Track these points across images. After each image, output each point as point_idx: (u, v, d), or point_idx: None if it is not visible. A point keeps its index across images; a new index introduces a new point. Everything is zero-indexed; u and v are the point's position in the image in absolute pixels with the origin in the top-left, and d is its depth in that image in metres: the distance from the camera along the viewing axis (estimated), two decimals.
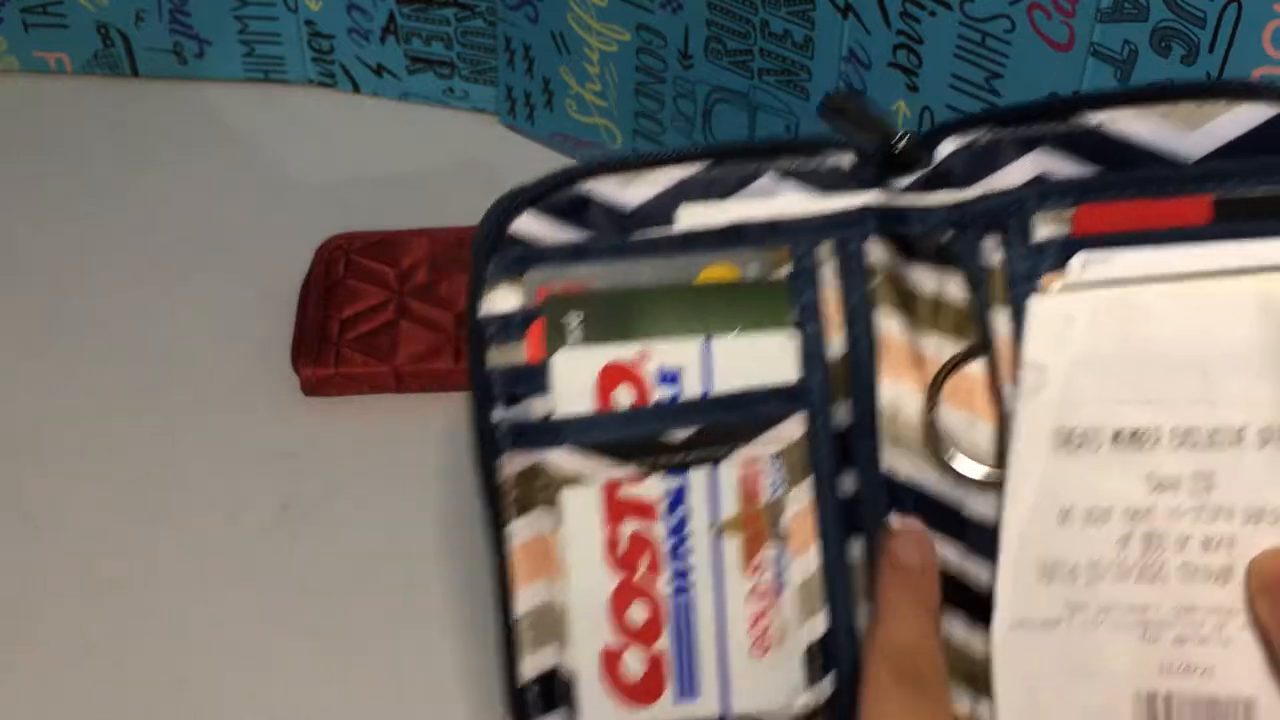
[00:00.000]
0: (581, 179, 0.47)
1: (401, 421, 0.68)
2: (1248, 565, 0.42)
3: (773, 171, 0.47)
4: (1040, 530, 0.44)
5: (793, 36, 0.68)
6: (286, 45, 0.84)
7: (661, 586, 0.46)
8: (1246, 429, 0.42)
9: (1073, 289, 0.44)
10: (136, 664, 0.59)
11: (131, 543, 0.63)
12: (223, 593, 0.60)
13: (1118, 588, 0.44)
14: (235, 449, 0.67)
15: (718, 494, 0.46)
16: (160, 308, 0.73)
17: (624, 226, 0.47)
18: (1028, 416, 0.44)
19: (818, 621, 0.47)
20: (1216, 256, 0.43)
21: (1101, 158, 0.45)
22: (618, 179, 0.47)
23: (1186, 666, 0.43)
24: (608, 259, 0.46)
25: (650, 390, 0.46)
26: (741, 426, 0.46)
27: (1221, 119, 0.43)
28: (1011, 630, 0.45)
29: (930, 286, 0.46)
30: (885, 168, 0.46)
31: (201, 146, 0.82)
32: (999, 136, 0.46)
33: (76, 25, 0.84)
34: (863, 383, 0.46)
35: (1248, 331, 0.42)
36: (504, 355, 0.46)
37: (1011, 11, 0.60)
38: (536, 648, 0.47)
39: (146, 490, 0.65)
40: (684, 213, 0.47)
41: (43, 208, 0.78)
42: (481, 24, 0.81)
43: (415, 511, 0.64)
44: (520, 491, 0.46)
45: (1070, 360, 0.43)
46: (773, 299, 0.46)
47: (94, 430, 0.67)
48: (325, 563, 0.62)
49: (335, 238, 0.74)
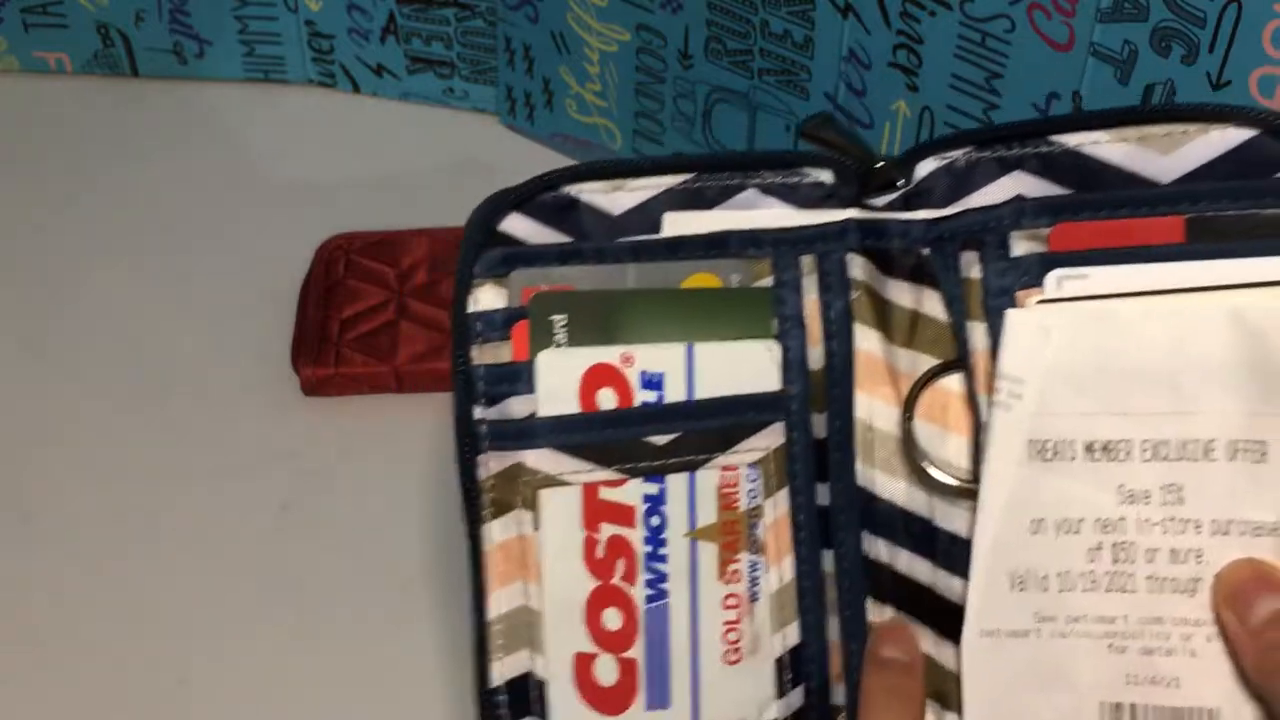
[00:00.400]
0: (567, 183, 0.47)
1: (401, 421, 0.68)
2: (1215, 576, 0.43)
3: (755, 187, 0.47)
4: (1012, 540, 0.44)
5: (793, 36, 0.68)
6: (286, 45, 0.84)
7: (637, 592, 0.46)
8: (1215, 442, 0.43)
9: (1049, 303, 0.44)
10: (136, 664, 0.59)
11: (131, 542, 0.63)
12: (223, 592, 0.60)
13: (1087, 598, 0.44)
14: (235, 449, 0.67)
15: (695, 500, 0.46)
16: (160, 308, 0.73)
17: (610, 231, 0.47)
18: (1002, 427, 0.44)
19: (790, 632, 0.47)
20: (1189, 274, 0.43)
21: (1078, 180, 0.45)
22: (604, 185, 0.47)
23: (1153, 678, 0.44)
24: (593, 262, 0.47)
25: (633, 393, 0.46)
26: (722, 433, 0.46)
27: (1195, 143, 0.44)
28: (981, 639, 0.45)
29: (908, 302, 0.47)
30: (864, 187, 0.47)
31: (201, 146, 0.82)
32: (978, 157, 0.47)
33: (76, 25, 0.84)
34: (840, 395, 0.47)
35: (1218, 346, 0.43)
36: (488, 353, 0.46)
37: (1011, 11, 0.60)
38: (509, 652, 0.46)
39: (146, 490, 0.65)
40: (669, 220, 0.47)
41: (43, 208, 0.78)
42: (481, 24, 0.81)
43: (415, 511, 0.64)
44: (499, 491, 0.46)
45: (1045, 372, 0.44)
46: (756, 307, 0.47)
47: (94, 430, 0.67)
48: (325, 563, 0.62)
49: (335, 238, 0.74)
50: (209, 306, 0.73)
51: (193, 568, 0.62)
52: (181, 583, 0.61)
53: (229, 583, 0.60)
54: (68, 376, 0.70)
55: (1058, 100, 0.60)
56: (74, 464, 0.66)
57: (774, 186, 0.47)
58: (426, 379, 0.68)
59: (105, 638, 0.60)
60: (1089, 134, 0.45)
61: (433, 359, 0.68)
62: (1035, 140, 0.46)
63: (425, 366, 0.68)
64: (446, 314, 0.71)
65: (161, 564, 0.62)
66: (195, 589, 0.61)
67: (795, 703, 0.47)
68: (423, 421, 0.68)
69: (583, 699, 0.46)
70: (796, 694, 0.47)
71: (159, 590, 0.61)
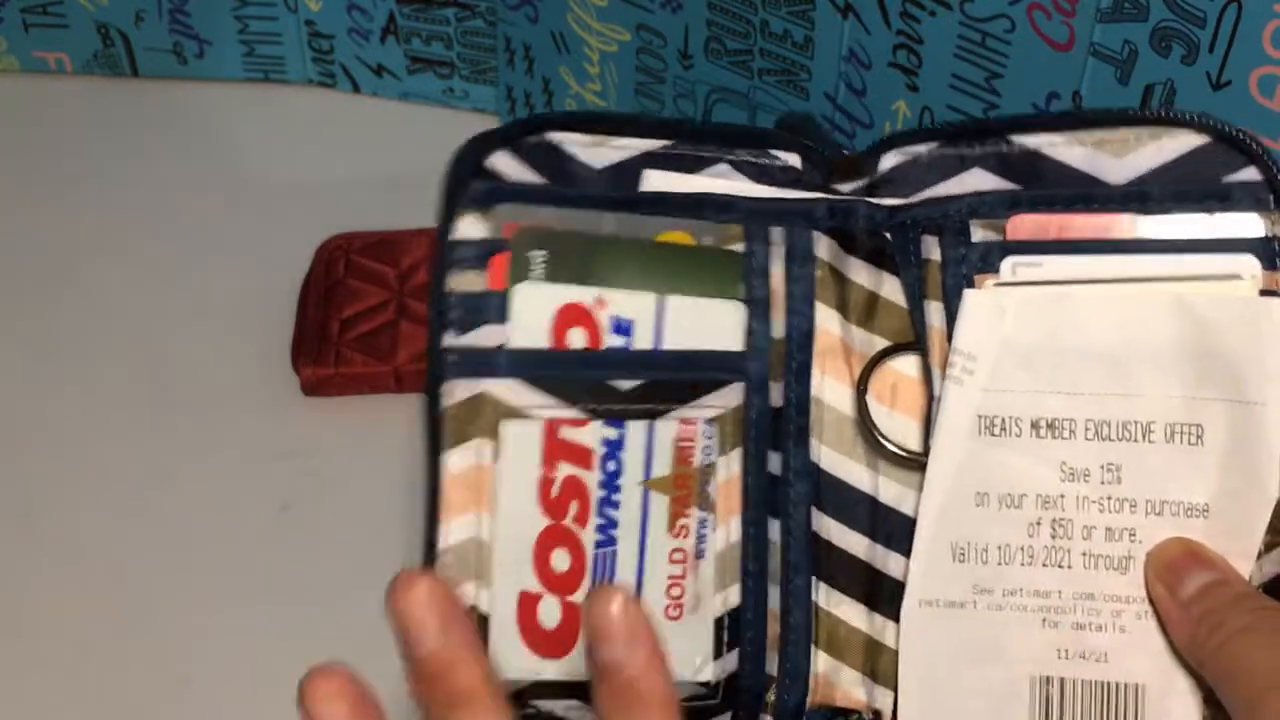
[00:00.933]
0: (555, 129, 0.48)
1: (402, 422, 0.68)
2: (1148, 552, 0.44)
3: (728, 163, 0.49)
4: (957, 512, 0.46)
5: (793, 36, 0.68)
6: (286, 45, 0.84)
7: (587, 536, 0.47)
8: (1155, 424, 0.45)
9: (1004, 286, 0.46)
10: (137, 663, 0.59)
11: (131, 542, 0.63)
12: (223, 591, 0.60)
13: (1024, 573, 0.46)
14: (235, 449, 0.67)
15: (652, 450, 0.47)
16: (160, 308, 0.73)
17: (590, 182, 0.48)
18: (953, 402, 0.46)
19: (731, 594, 0.48)
20: (1137, 266, 0.46)
21: (1035, 179, 0.48)
22: (588, 139, 0.49)
23: (1083, 652, 0.45)
24: (575, 206, 0.48)
25: (603, 336, 0.47)
26: (685, 386, 0.47)
27: (1147, 148, 0.47)
28: (920, 609, 0.46)
29: (866, 283, 0.48)
30: (830, 174, 0.49)
31: (201, 147, 0.82)
32: (941, 153, 0.48)
33: (76, 25, 0.84)
34: (798, 368, 0.48)
35: (1161, 332, 0.45)
36: (465, 281, 0.47)
37: (1011, 11, 0.60)
38: (456, 584, 0.47)
39: (146, 490, 0.65)
40: (648, 176, 0.49)
41: (42, 208, 0.78)
42: (481, 24, 0.81)
43: (415, 511, 0.64)
44: (461, 421, 0.47)
45: (998, 350, 0.46)
46: (727, 269, 0.48)
47: (94, 430, 0.67)
48: (325, 562, 0.62)
49: (335, 238, 0.74)
50: (209, 306, 0.73)
51: (193, 567, 0.62)
52: (182, 582, 0.61)
53: (229, 582, 0.60)
54: (68, 376, 0.70)
55: (1058, 100, 0.60)
56: (74, 464, 0.66)
57: (745, 165, 0.49)
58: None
59: (105, 637, 0.60)
60: (1048, 135, 0.48)
61: None
62: (996, 139, 0.48)
63: (425, 366, 0.68)
64: None
65: (162, 563, 0.62)
66: (195, 588, 0.61)
67: (730, 666, 0.47)
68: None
69: (523, 639, 0.46)
70: (732, 658, 0.47)
71: (159, 590, 0.61)
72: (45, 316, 0.73)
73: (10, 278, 0.75)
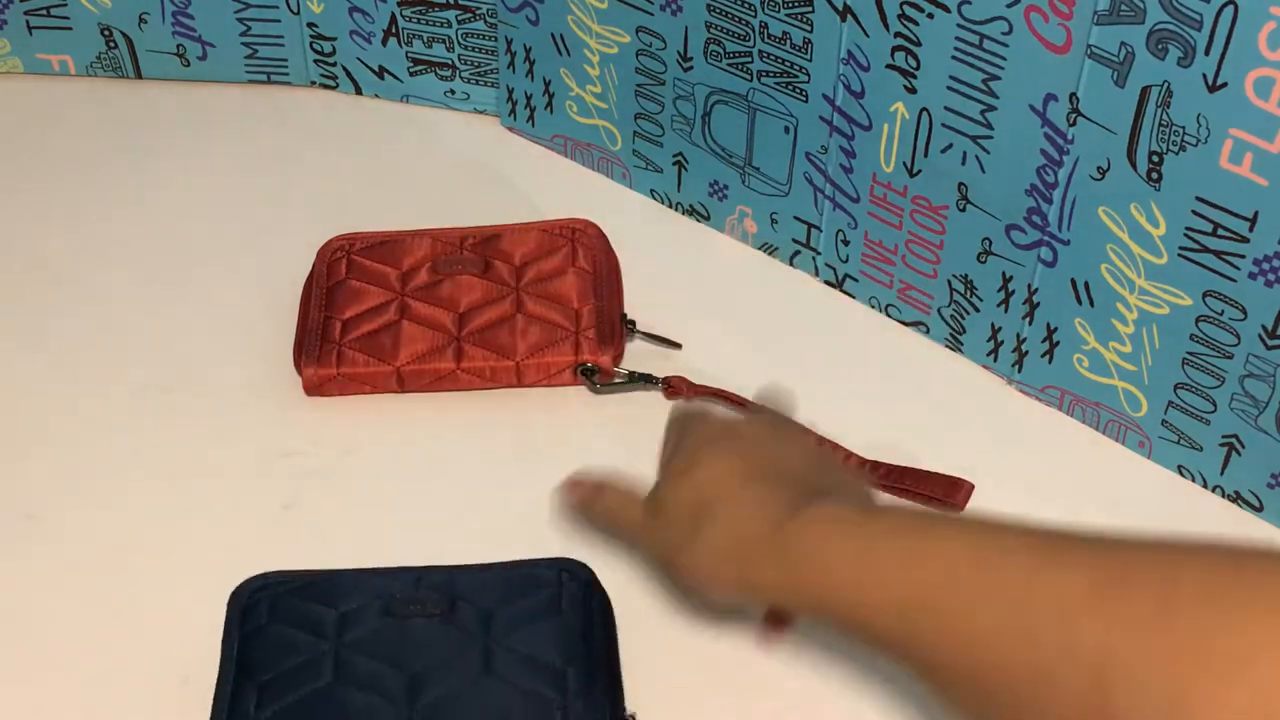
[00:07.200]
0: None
1: (402, 421, 0.68)
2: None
3: None
4: None
5: (791, 39, 0.68)
6: (289, 48, 0.85)
7: None
8: None
9: None
10: (139, 663, 0.59)
11: (133, 541, 0.63)
12: (225, 591, 0.60)
13: None
14: (237, 449, 0.67)
15: None
16: (163, 308, 0.73)
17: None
18: None
19: None
20: None
21: None
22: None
23: None
24: None
25: None
26: None
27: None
28: None
29: None
30: None
31: (204, 148, 0.82)
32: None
33: (80, 27, 0.84)
34: None
35: None
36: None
37: (1009, 14, 0.60)
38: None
39: (149, 489, 0.65)
40: None
41: (45, 209, 0.79)
42: (482, 26, 0.81)
43: (415, 511, 0.65)
44: None
45: None
46: None
47: (96, 430, 0.68)
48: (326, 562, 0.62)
49: (337, 238, 0.74)
50: (212, 307, 0.73)
51: (195, 566, 0.62)
52: (183, 581, 0.62)
53: (231, 582, 0.61)
54: (70, 377, 0.70)
55: (1055, 102, 0.61)
56: (77, 463, 0.66)
57: None
58: (427, 379, 0.69)
59: (107, 636, 0.60)
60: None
61: (434, 359, 0.69)
62: None
63: (426, 366, 0.69)
64: (448, 314, 0.71)
65: (164, 562, 0.62)
66: (197, 588, 0.61)
67: None
68: (423, 421, 0.68)
69: None
70: None
71: (161, 589, 0.61)
72: (48, 316, 0.73)
73: (12, 277, 0.75)
